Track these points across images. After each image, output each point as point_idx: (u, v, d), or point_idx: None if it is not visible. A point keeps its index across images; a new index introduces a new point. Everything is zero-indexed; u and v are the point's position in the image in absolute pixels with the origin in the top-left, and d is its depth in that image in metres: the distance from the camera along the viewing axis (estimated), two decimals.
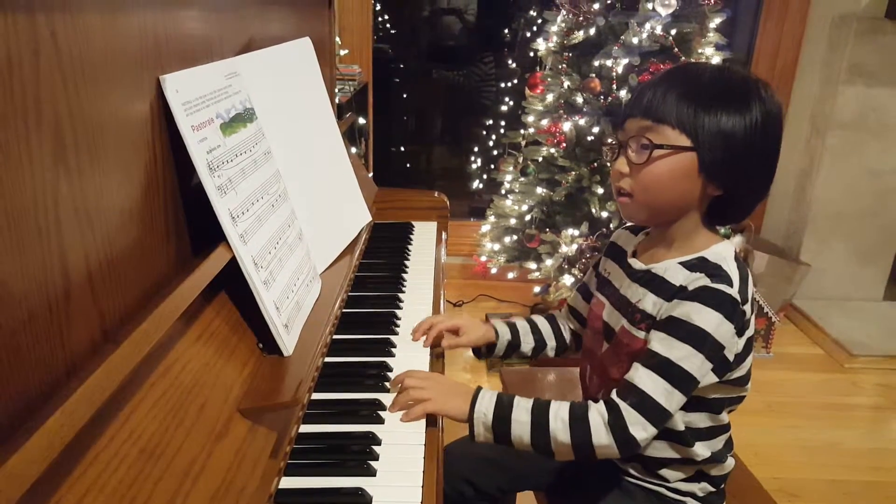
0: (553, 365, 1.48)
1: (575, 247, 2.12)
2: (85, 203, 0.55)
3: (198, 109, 0.70)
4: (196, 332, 0.69)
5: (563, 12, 2.10)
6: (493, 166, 2.65)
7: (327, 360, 0.91)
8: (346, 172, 1.24)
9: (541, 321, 1.08)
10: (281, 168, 0.89)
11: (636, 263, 0.90)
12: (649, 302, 0.85)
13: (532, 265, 2.25)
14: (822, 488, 1.75)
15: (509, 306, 2.65)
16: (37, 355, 0.49)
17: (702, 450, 0.87)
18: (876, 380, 2.28)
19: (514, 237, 2.28)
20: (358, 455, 0.75)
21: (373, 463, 0.73)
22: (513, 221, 2.27)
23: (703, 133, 0.78)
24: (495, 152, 2.99)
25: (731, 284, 0.80)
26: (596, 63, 2.05)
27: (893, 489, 1.77)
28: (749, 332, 0.84)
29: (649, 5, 1.97)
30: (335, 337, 0.97)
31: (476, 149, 3.18)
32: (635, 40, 1.98)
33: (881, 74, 2.44)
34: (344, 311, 1.05)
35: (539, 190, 2.18)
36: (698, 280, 0.80)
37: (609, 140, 0.87)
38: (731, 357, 0.81)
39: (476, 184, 2.83)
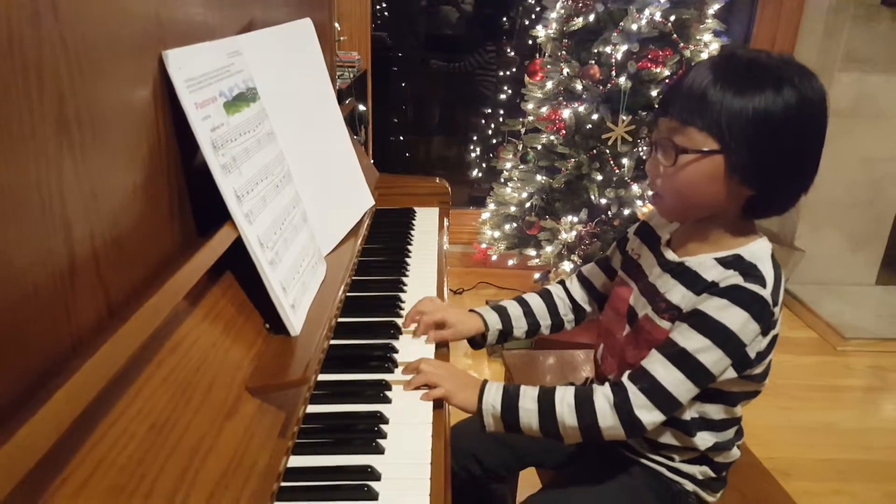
0: (555, 347, 1.49)
1: (574, 233, 2.12)
2: (90, 179, 0.54)
3: (201, 87, 0.69)
4: (202, 311, 0.69)
5: None
6: (492, 154, 2.65)
7: (332, 342, 0.91)
8: (348, 155, 1.24)
9: (534, 301, 1.05)
10: (284, 149, 0.88)
11: (670, 254, 0.88)
12: (678, 294, 0.84)
13: (532, 252, 2.26)
14: (815, 467, 1.78)
15: (509, 293, 2.66)
16: (43, 331, 0.49)
17: (705, 439, 0.87)
18: (868, 362, 2.30)
19: (514, 224, 2.28)
20: (366, 433, 0.75)
21: (381, 441, 0.73)
22: (512, 209, 2.26)
23: (730, 134, 0.75)
24: (494, 140, 2.98)
25: (764, 286, 0.78)
26: (595, 50, 2.04)
27: (884, 467, 1.80)
28: (774, 331, 0.82)
29: None
30: (340, 320, 0.97)
31: (475, 137, 3.17)
32: (634, 27, 1.97)
33: (877, 62, 2.45)
34: (348, 294, 1.04)
35: (538, 177, 2.18)
36: (731, 278, 0.79)
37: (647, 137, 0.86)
38: (752, 354, 0.81)
39: (475, 172, 2.83)
